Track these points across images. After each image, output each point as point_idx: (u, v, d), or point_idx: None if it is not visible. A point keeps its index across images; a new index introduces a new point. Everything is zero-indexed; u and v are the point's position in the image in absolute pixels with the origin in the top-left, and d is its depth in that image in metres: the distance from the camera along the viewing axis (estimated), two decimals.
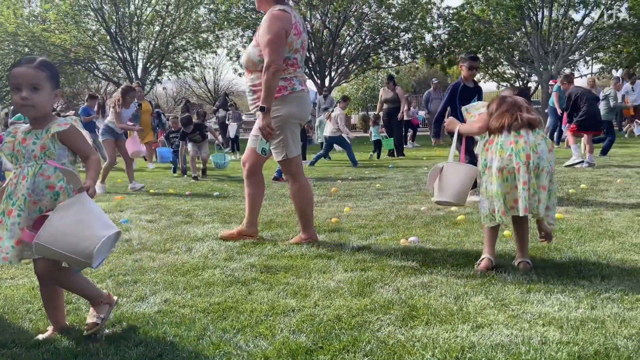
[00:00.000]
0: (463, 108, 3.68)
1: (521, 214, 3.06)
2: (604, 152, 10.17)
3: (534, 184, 3.07)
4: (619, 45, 24.19)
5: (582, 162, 8.57)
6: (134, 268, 3.50)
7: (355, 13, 24.35)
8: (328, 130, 10.88)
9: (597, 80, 16.36)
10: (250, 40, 20.15)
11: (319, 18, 24.58)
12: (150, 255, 3.81)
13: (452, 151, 3.59)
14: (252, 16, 24.76)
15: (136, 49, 25.42)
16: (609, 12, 22.25)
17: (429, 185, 3.59)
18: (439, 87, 16.68)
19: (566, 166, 8.56)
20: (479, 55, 25.78)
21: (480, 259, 3.32)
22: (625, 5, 21.75)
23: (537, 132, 3.18)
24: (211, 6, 25.25)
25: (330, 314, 2.58)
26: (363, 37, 25.66)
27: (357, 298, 2.80)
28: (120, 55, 24.99)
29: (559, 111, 12.14)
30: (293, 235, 4.32)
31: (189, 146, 9.36)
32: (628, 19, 22.35)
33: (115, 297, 2.57)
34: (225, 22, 24.69)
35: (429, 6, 24.67)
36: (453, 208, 5.29)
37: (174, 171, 10.22)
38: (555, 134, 12.67)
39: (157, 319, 2.58)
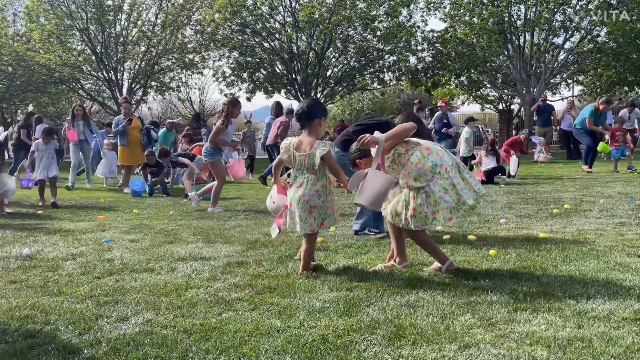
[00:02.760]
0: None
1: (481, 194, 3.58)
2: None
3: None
4: (599, 69, 24.66)
5: None
6: (115, 288, 3.43)
7: (341, 35, 24.58)
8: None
9: (577, 102, 16.59)
10: (236, 61, 19.71)
11: (305, 40, 24.78)
12: (132, 275, 3.74)
13: (376, 159, 3.57)
14: (239, 37, 24.90)
15: (121, 69, 25.36)
16: (589, 36, 22.73)
17: (351, 186, 3.68)
18: (421, 109, 16.60)
19: None
20: (463, 78, 26.17)
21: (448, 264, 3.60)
22: (605, 30, 22.22)
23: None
24: (197, 27, 25.36)
25: (316, 334, 2.54)
26: (348, 59, 25.89)
27: (342, 318, 2.76)
28: (106, 75, 24.91)
29: (599, 133, 11.17)
30: (278, 255, 4.28)
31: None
32: (608, 43, 22.82)
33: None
34: (212, 43, 24.78)
35: (414, 29, 25.00)
36: (439, 227, 5.28)
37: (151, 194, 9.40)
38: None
39: (138, 340, 2.51)
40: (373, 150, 3.66)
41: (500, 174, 9.95)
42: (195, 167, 9.06)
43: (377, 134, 3.58)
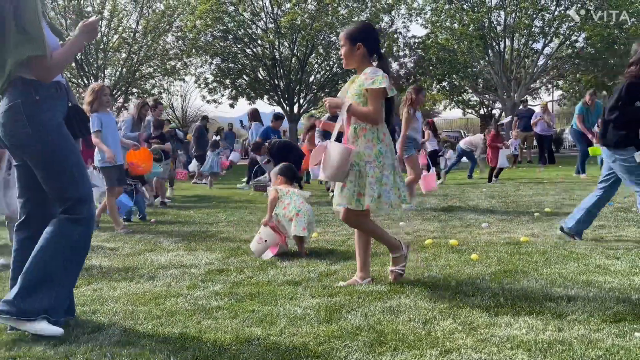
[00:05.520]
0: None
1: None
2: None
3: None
4: (577, 74, 25.02)
5: None
6: (93, 298, 3.37)
7: (323, 41, 24.64)
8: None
9: (557, 107, 16.70)
10: (219, 67, 19.32)
11: (288, 46, 24.80)
12: (110, 285, 3.68)
13: (337, 128, 3.47)
14: (221, 44, 24.83)
15: (102, 75, 25.12)
16: (567, 42, 23.06)
17: (312, 162, 3.64)
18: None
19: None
20: (444, 83, 26.38)
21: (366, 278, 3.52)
22: (583, 35, 22.56)
23: None
24: (179, 34, 25.24)
25: (297, 342, 2.51)
26: (331, 65, 25.94)
27: (324, 324, 2.73)
28: (86, 81, 24.64)
29: (589, 135, 10.68)
30: (260, 262, 4.24)
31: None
32: (586, 48, 23.17)
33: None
34: (193, 50, 24.68)
35: (395, 35, 25.17)
36: (421, 233, 5.30)
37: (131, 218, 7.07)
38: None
39: (115, 351, 2.46)
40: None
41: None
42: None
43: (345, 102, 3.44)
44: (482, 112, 29.66)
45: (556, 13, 22.34)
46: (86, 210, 2.78)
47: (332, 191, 4.28)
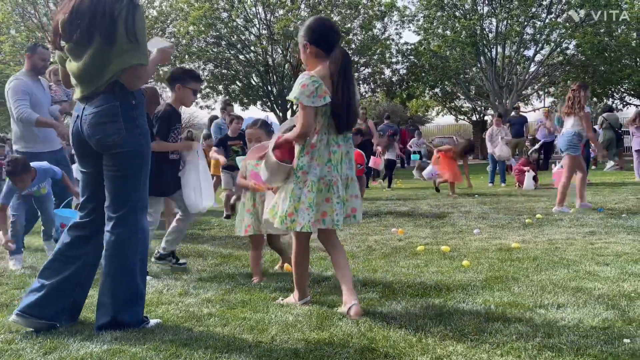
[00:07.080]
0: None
1: (332, 227, 3.06)
2: None
3: (344, 196, 3.09)
4: (568, 81, 25.19)
5: None
6: (84, 305, 3.35)
7: None
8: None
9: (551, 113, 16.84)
10: (212, 73, 18.98)
11: (281, 52, 24.85)
12: None
13: (273, 140, 3.19)
14: (214, 50, 24.85)
15: None
16: (558, 49, 23.24)
17: (251, 157, 3.79)
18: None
19: None
20: (437, 90, 26.50)
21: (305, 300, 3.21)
22: (574, 42, 22.75)
23: (348, 138, 3.17)
24: (172, 39, 25.22)
25: (288, 349, 2.51)
26: None
27: (315, 332, 2.74)
28: None
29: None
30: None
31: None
32: (577, 55, 23.37)
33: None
34: (186, 56, 24.67)
35: (388, 42, 25.27)
36: (413, 239, 5.31)
37: None
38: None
39: (105, 359, 2.45)
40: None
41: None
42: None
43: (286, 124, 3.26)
44: (474, 118, 29.79)
45: (547, 20, 22.54)
46: (139, 220, 2.87)
47: None
